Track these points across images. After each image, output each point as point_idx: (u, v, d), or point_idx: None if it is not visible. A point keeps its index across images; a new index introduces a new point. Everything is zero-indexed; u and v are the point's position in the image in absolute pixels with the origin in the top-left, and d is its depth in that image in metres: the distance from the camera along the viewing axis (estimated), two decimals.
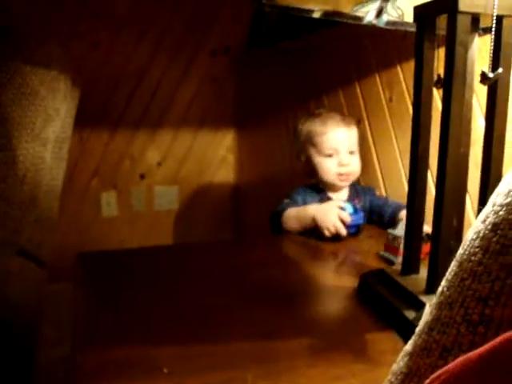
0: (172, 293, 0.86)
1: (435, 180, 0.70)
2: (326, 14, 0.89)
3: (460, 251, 0.37)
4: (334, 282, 0.90)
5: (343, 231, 1.12)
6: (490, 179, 0.67)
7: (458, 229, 0.79)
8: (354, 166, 1.29)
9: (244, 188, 2.62)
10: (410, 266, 0.78)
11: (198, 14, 2.45)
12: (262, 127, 2.31)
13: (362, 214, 1.18)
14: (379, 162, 1.40)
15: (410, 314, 0.69)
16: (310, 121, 1.33)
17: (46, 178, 1.33)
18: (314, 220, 1.15)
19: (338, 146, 1.27)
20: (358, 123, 1.43)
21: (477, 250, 0.33)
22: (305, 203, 1.28)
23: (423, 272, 0.77)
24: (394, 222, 1.17)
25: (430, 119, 0.74)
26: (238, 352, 0.65)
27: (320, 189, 1.31)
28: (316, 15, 0.88)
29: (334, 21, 0.91)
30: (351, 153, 1.29)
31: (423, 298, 0.70)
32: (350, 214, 1.14)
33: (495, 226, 0.32)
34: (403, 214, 1.14)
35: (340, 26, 1.47)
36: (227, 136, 2.66)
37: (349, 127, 1.30)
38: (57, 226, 2.22)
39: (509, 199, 0.33)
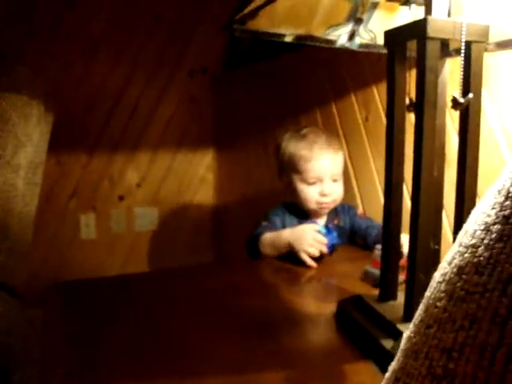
0: (145, 324, 0.84)
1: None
2: (298, 37, 0.88)
3: (427, 294, 0.35)
4: (312, 309, 0.88)
5: (320, 251, 1.11)
6: (464, 206, 0.66)
7: (436, 253, 0.78)
8: (336, 195, 1.25)
9: (224, 207, 2.60)
10: (388, 293, 0.77)
11: (175, 34, 2.45)
12: (241, 146, 2.30)
13: (335, 234, 1.16)
14: (356, 181, 1.40)
15: (388, 344, 0.68)
16: (294, 141, 1.27)
17: (19, 205, 1.30)
18: (289, 245, 1.13)
19: (322, 175, 1.23)
20: None
21: (442, 295, 0.32)
22: (283, 225, 1.26)
23: (401, 298, 0.75)
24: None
25: (404, 144, 0.73)
26: None
27: (300, 211, 1.29)
28: (288, 39, 0.88)
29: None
30: (335, 180, 1.25)
31: (401, 327, 0.68)
32: (324, 235, 1.13)
33: (460, 270, 0.31)
34: None
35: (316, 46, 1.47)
36: (206, 155, 2.65)
37: (335, 153, 1.25)
38: (31, 252, 2.19)
39: (474, 240, 0.32)
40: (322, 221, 1.28)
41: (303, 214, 1.29)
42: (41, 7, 2.20)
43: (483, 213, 0.33)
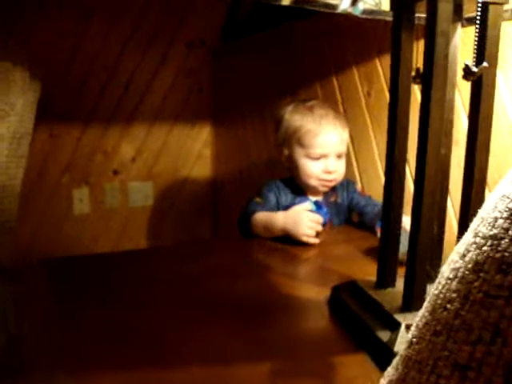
0: (128, 305, 0.79)
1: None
2: (296, 1, 0.81)
3: (433, 291, 0.29)
4: (305, 294, 0.83)
5: (319, 228, 1.07)
6: (472, 188, 0.60)
7: (439, 237, 0.72)
8: (339, 172, 1.20)
9: (221, 183, 2.54)
10: (386, 279, 0.71)
11: (173, 5, 2.36)
12: (239, 120, 2.23)
13: (325, 209, 1.12)
14: (356, 158, 1.34)
15: (384, 336, 0.62)
16: (300, 114, 1.20)
17: (2, 178, 1.24)
18: (284, 231, 1.08)
19: (328, 151, 1.17)
20: None
21: (454, 295, 0.26)
22: (277, 202, 1.21)
23: (400, 285, 0.70)
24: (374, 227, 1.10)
25: (408, 119, 0.67)
26: (191, 379, 0.58)
27: (296, 186, 1.23)
28: (285, 2, 0.81)
29: (311, 10, 0.84)
30: (339, 156, 1.20)
31: (399, 317, 0.63)
32: (315, 211, 1.08)
33: (477, 266, 0.25)
34: None
35: (317, 14, 1.40)
36: (204, 130, 2.58)
37: (343, 129, 1.20)
38: (22, 227, 2.14)
39: (495, 231, 0.26)
40: (318, 198, 1.23)
41: (299, 190, 1.24)
42: None
43: (506, 197, 0.27)
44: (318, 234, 1.07)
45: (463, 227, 0.35)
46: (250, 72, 2.07)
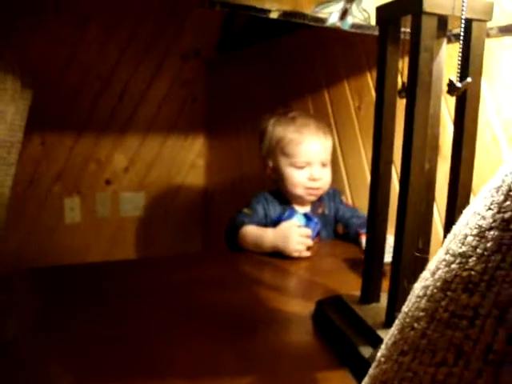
0: (116, 315, 0.78)
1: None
2: (284, 14, 0.81)
3: (404, 308, 0.29)
4: (289, 308, 0.82)
5: (309, 243, 1.06)
6: (457, 203, 0.60)
7: (425, 252, 0.72)
8: (325, 180, 1.21)
9: (213, 194, 2.54)
10: (370, 294, 0.71)
11: (169, 16, 2.37)
12: (233, 132, 2.23)
13: (315, 220, 1.13)
14: (346, 171, 1.34)
15: (366, 352, 0.62)
16: (282, 125, 1.22)
17: None
18: (274, 248, 1.07)
19: (311, 159, 1.18)
20: None
21: (421, 314, 0.25)
22: (265, 214, 1.20)
23: (385, 300, 0.69)
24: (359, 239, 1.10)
25: (393, 133, 0.67)
26: None
27: (284, 198, 1.23)
28: (273, 15, 0.81)
29: (301, 23, 0.84)
30: (324, 165, 1.21)
31: (381, 333, 0.62)
32: (305, 225, 1.08)
33: (445, 284, 0.25)
34: None
35: (309, 28, 1.40)
36: (197, 141, 2.57)
37: (325, 137, 1.22)
38: (13, 235, 2.12)
39: (464, 248, 0.25)
40: (306, 208, 1.22)
41: (287, 201, 1.24)
42: None
43: (477, 214, 0.27)
44: (309, 248, 1.07)
45: None
46: (244, 84, 2.07)
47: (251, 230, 1.12)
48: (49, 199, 2.37)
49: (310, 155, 1.18)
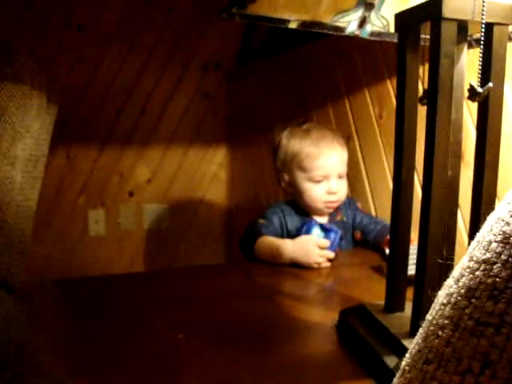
0: (135, 327, 0.78)
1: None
2: (303, 24, 0.81)
3: (428, 317, 0.28)
4: (312, 318, 0.81)
5: (331, 255, 1.05)
6: (481, 209, 0.59)
7: (450, 259, 0.71)
8: (342, 192, 1.20)
9: (236, 206, 2.54)
10: (394, 303, 0.70)
11: (189, 29, 2.39)
12: (254, 144, 2.24)
13: (334, 230, 1.11)
14: (368, 180, 1.33)
15: (391, 361, 0.61)
16: (297, 138, 1.19)
17: (17, 198, 1.26)
18: (293, 260, 1.06)
19: (329, 172, 1.17)
20: (348, 140, 1.36)
21: (446, 322, 0.25)
22: (281, 226, 1.19)
23: (409, 309, 0.68)
24: (379, 245, 1.09)
25: (415, 140, 0.66)
26: None
27: (301, 209, 1.22)
28: (292, 25, 0.81)
29: (324, 33, 0.84)
30: (341, 177, 1.19)
31: (406, 343, 0.61)
32: (324, 237, 1.07)
33: (470, 292, 0.24)
34: None
35: (329, 37, 1.41)
36: (218, 152, 2.59)
37: (342, 148, 1.20)
38: (38, 248, 2.16)
39: (488, 255, 0.25)
40: (324, 218, 1.22)
41: (304, 212, 1.22)
42: None
43: (501, 220, 0.26)
44: (330, 259, 1.06)
45: None
46: (264, 95, 2.08)
47: (268, 241, 1.11)
48: (74, 212, 2.40)
49: (327, 169, 1.16)
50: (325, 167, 1.16)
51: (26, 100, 1.26)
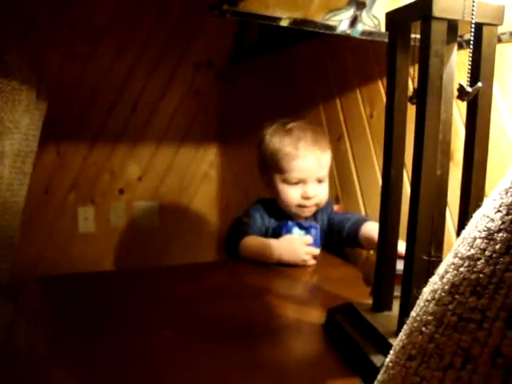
0: (124, 325, 0.78)
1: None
2: (294, 22, 0.81)
3: (412, 313, 0.28)
4: (299, 317, 0.81)
5: (316, 251, 1.05)
6: (469, 209, 0.59)
7: (438, 259, 0.71)
8: (320, 196, 1.15)
9: (227, 205, 2.54)
10: (382, 302, 0.70)
11: (181, 27, 2.39)
12: (245, 142, 2.24)
13: (314, 226, 1.11)
14: (359, 180, 1.33)
15: (378, 360, 0.61)
16: (278, 136, 1.15)
17: (4, 194, 1.25)
18: (280, 260, 1.05)
19: (306, 175, 1.12)
20: (338, 139, 1.36)
21: (429, 318, 0.25)
22: (263, 224, 1.18)
23: (397, 308, 0.68)
24: (354, 239, 1.08)
25: (404, 140, 0.66)
26: None
27: (278, 210, 1.19)
28: (284, 23, 0.81)
29: (316, 32, 0.84)
30: (319, 181, 1.15)
31: (393, 341, 0.61)
32: (306, 235, 1.07)
33: (453, 288, 0.24)
34: (368, 228, 1.05)
35: (320, 37, 1.41)
36: (210, 151, 2.58)
37: (322, 151, 1.14)
38: (27, 244, 2.14)
39: (472, 251, 0.25)
40: (301, 221, 1.20)
41: (282, 214, 1.19)
42: None
43: (486, 216, 0.26)
44: (315, 257, 1.06)
45: None
46: (256, 93, 2.08)
47: (253, 242, 1.09)
48: (63, 209, 2.39)
49: (304, 172, 1.12)
50: (301, 170, 1.12)
51: (15, 95, 1.25)
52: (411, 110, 0.65)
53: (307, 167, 1.12)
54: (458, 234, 0.62)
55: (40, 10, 2.16)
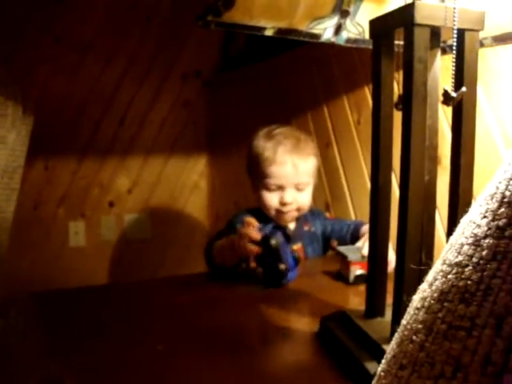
0: (118, 339, 0.77)
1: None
2: (279, 31, 0.82)
3: (403, 322, 0.28)
4: (292, 325, 0.81)
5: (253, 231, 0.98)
6: (457, 213, 0.59)
7: (428, 265, 0.71)
8: (299, 203, 1.14)
9: (217, 215, 2.53)
10: (375, 309, 0.70)
11: (168, 37, 2.39)
12: (234, 151, 2.24)
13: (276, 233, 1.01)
14: (348, 186, 1.33)
15: (373, 367, 0.60)
16: (261, 141, 1.15)
17: None
18: (232, 246, 1.01)
19: (283, 181, 1.12)
20: (327, 146, 1.36)
21: (420, 326, 0.25)
22: None
23: (390, 314, 0.68)
24: (357, 240, 1.08)
25: (391, 146, 0.66)
26: None
27: (264, 216, 1.18)
28: (268, 33, 0.81)
29: (301, 41, 0.85)
30: (299, 188, 1.14)
31: (387, 348, 0.61)
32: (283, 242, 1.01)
33: (442, 295, 0.24)
34: (365, 229, 1.05)
35: (307, 45, 1.41)
36: (199, 162, 2.58)
37: (303, 158, 1.13)
38: (18, 260, 2.12)
39: (460, 258, 0.25)
40: (291, 226, 1.20)
41: (268, 220, 1.18)
42: (29, 9, 2.14)
43: (472, 222, 0.26)
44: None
45: None
46: (244, 102, 2.08)
47: (220, 241, 1.08)
48: (53, 224, 2.37)
49: (280, 178, 1.11)
50: (278, 176, 1.11)
51: (1, 111, 1.24)
52: (399, 116, 0.65)
53: (284, 173, 1.11)
54: (448, 237, 0.62)
55: (26, 25, 2.15)
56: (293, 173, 1.12)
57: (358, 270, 0.97)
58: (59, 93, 2.27)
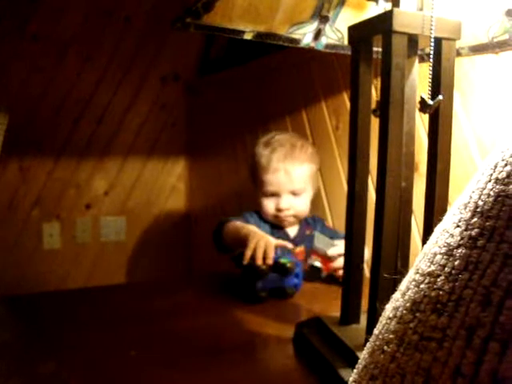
0: (92, 344, 0.75)
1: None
2: (258, 35, 0.81)
3: (375, 331, 0.28)
4: (268, 332, 0.80)
5: (265, 260, 0.95)
6: (433, 220, 0.59)
7: (403, 272, 0.71)
8: (297, 208, 1.16)
9: (195, 218, 2.52)
10: (349, 315, 0.70)
11: (147, 39, 2.37)
12: (213, 155, 2.23)
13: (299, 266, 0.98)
14: (325, 190, 1.33)
15: (347, 374, 0.60)
16: (260, 148, 1.18)
17: None
18: (253, 232, 1.01)
19: (277, 188, 1.14)
20: None
21: (391, 336, 0.24)
22: (258, 226, 1.18)
23: (365, 321, 0.68)
24: None
25: (368, 152, 0.66)
26: None
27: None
28: (248, 37, 0.81)
29: (281, 45, 0.84)
30: (295, 194, 1.15)
31: (361, 355, 0.61)
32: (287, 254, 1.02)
33: (414, 305, 0.24)
34: None
35: (286, 50, 1.42)
36: (178, 164, 2.56)
37: (297, 164, 1.14)
38: None
39: (432, 267, 0.24)
40: (293, 229, 1.20)
41: (273, 226, 1.21)
42: (5, 7, 2.11)
43: (445, 232, 0.26)
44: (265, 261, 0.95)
45: None
46: (223, 106, 2.08)
47: (235, 223, 1.11)
48: (27, 225, 2.33)
49: (275, 185, 1.13)
50: (272, 183, 1.13)
51: None
52: (377, 123, 0.65)
53: (277, 181, 1.14)
54: (424, 245, 0.62)
55: (3, 23, 2.11)
56: (286, 180, 1.13)
57: (315, 262, 0.96)
58: (36, 92, 2.23)
